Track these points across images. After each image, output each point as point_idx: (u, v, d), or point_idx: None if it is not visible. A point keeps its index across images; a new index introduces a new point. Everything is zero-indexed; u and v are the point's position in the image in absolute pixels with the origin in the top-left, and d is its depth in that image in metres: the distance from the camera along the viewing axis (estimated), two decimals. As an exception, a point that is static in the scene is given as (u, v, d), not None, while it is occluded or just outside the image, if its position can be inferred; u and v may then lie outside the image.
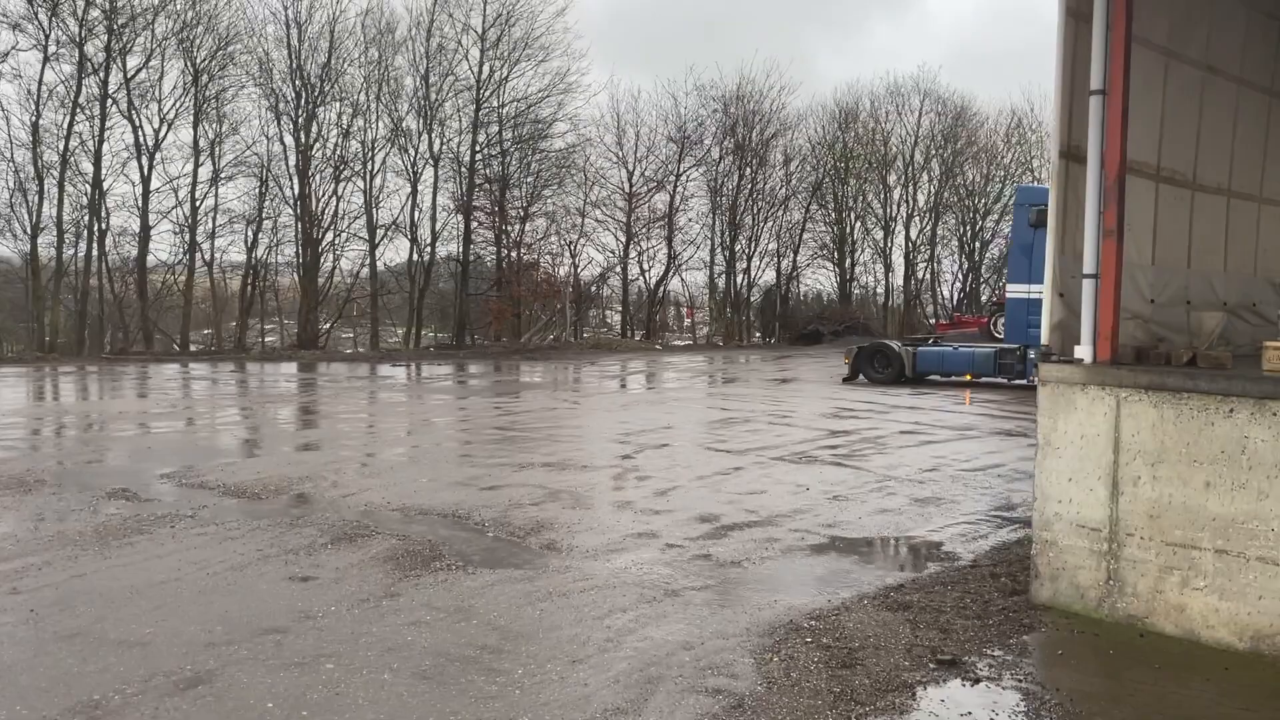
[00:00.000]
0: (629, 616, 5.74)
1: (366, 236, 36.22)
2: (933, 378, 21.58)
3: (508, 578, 6.52)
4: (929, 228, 47.79)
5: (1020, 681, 4.81)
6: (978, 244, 49.61)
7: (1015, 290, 20.12)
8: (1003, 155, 49.42)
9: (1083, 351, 5.92)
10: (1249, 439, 5.14)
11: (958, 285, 50.26)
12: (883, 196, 46.85)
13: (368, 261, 36.38)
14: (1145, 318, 6.86)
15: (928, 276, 48.95)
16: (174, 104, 33.07)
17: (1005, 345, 20.24)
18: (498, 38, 35.42)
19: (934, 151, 46.78)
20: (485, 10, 35.33)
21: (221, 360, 29.78)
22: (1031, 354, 19.41)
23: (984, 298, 48.49)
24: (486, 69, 35.70)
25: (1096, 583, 5.72)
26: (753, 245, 42.62)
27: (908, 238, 47.02)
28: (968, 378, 20.96)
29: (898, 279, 47.68)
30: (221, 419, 15.61)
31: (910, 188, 46.85)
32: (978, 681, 4.81)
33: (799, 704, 4.49)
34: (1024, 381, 19.91)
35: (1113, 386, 5.64)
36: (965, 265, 49.85)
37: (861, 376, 21.80)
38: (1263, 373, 5.51)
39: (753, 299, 43.66)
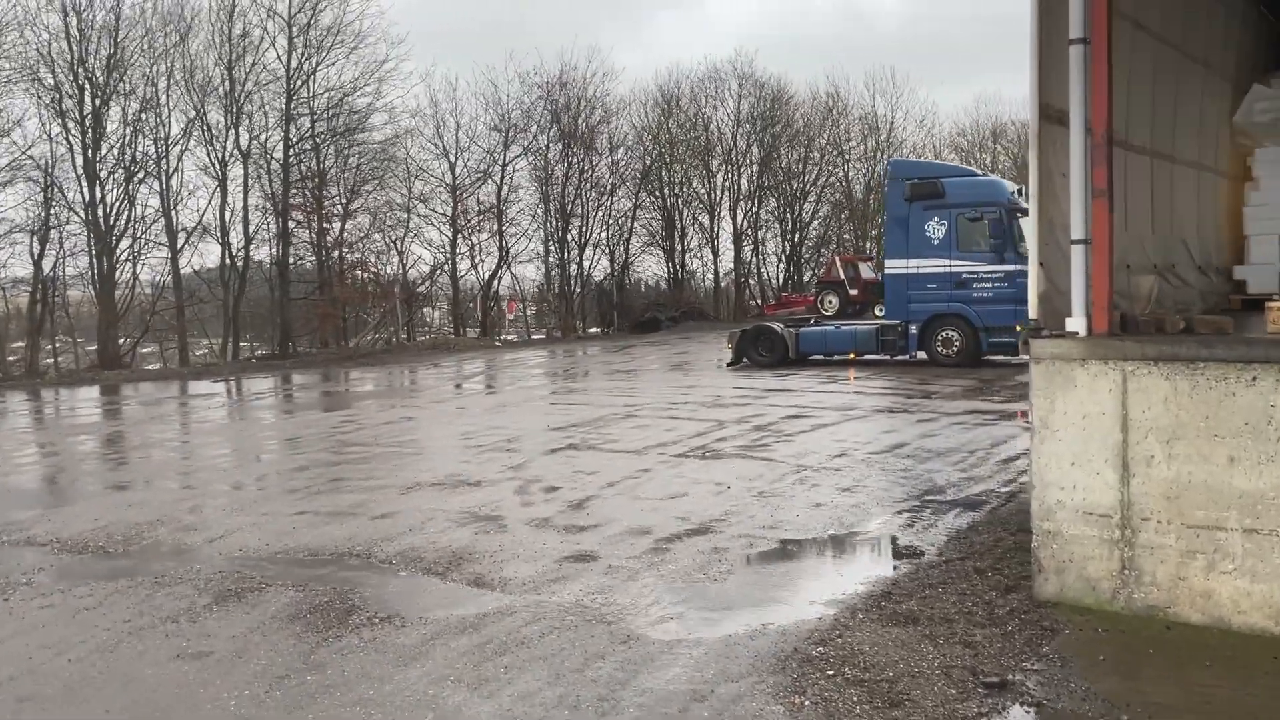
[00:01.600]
0: (612, 664, 4.90)
1: (167, 242, 33.28)
2: (815, 357, 21.43)
3: (447, 627, 5.54)
4: (753, 212, 48.39)
5: (1083, 701, 4.28)
6: (798, 226, 50.61)
7: (893, 266, 19.99)
8: (816, 138, 50.69)
9: (1076, 324, 5.48)
10: (1276, 408, 4.79)
11: (782, 266, 51.17)
12: (707, 182, 47.10)
13: (171, 270, 33.42)
14: (1100, 285, 6.53)
15: (754, 260, 49.61)
16: (-69, 102, 29.27)
17: (887, 322, 20.19)
18: (307, 24, 33.20)
19: (754, 136, 47.34)
20: (291, -6, 33.01)
21: (10, 388, 26.58)
22: (913, 329, 19.56)
23: (807, 277, 49.68)
24: (296, 57, 33.41)
25: (1109, 573, 5.29)
26: (584, 235, 41.94)
27: (734, 222, 47.45)
28: (851, 356, 20.91)
29: (726, 263, 48.10)
30: (27, 458, 13.59)
31: (733, 173, 47.27)
32: (1039, 705, 4.25)
33: (867, 761, 3.80)
34: (905, 357, 20.07)
35: (1117, 360, 5.21)
36: (787, 248, 50.81)
37: (745, 360, 21.41)
38: (1266, 335, 5.21)
39: (588, 289, 42.98)
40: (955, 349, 19.35)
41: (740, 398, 15.70)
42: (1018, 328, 19.00)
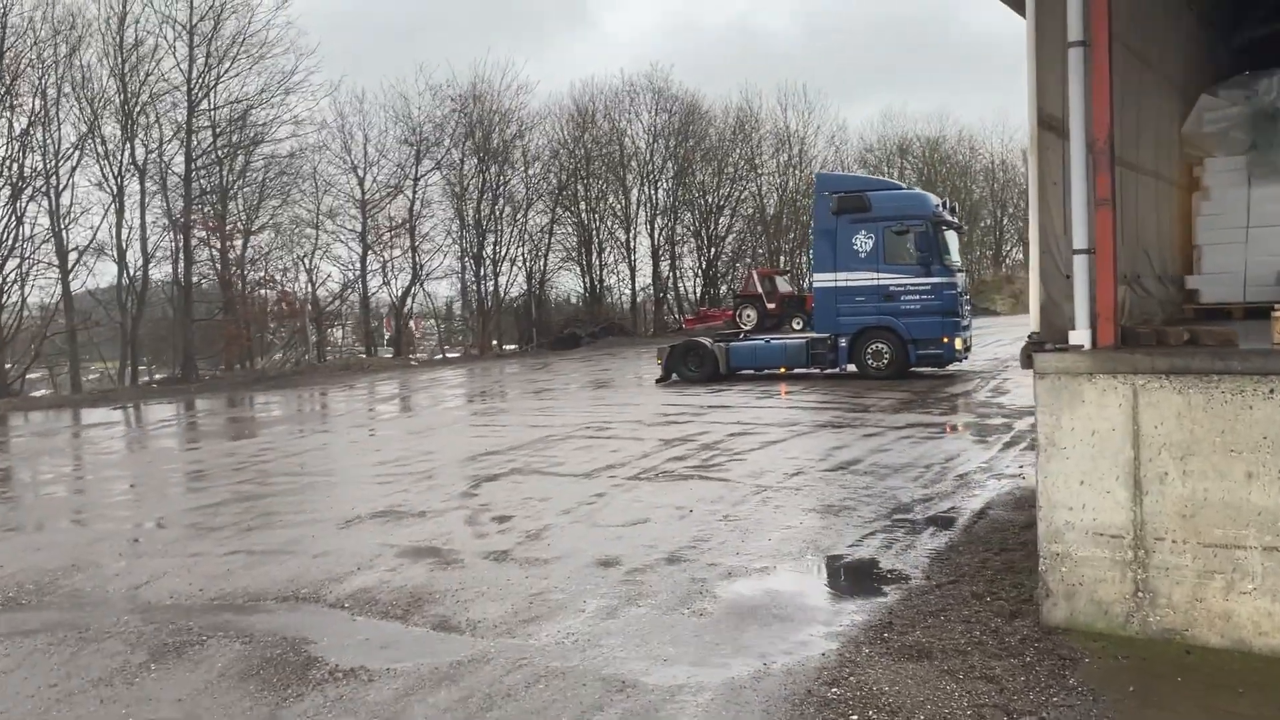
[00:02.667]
0: (614, 717, 4.48)
1: (58, 262, 31.51)
2: (745, 372, 21.33)
3: (420, 680, 5.04)
4: (669, 227, 48.37)
5: (1128, 736, 4.03)
6: (713, 240, 50.75)
7: (822, 279, 19.97)
8: (730, 153, 50.99)
9: (1080, 336, 5.28)
10: (1295, 421, 4.64)
11: (699, 281, 51.25)
12: (623, 197, 46.94)
13: (62, 291, 31.61)
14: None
15: (671, 274, 49.57)
16: None
17: (816, 335, 20.13)
18: (209, 33, 31.93)
19: (669, 150, 47.35)
20: (192, 1, 31.70)
21: (-113, 418, 24.74)
22: (842, 342, 19.55)
23: (723, 291, 49.85)
24: (197, 67, 32.09)
25: (1122, 596, 5.08)
26: (500, 250, 41.28)
27: (651, 237, 47.35)
28: (782, 370, 20.79)
29: (644, 278, 47.93)
30: (-85, 495, 12.49)
31: (650, 188, 47.18)
32: (1084, 745, 3.98)
33: (924, 822, 3.46)
34: (835, 370, 20.04)
35: (1126, 374, 5.02)
36: (703, 262, 50.91)
37: (675, 376, 21.15)
38: (1275, 345, 5.08)
39: (504, 305, 42.28)
40: (885, 361, 19.41)
41: (680, 414, 15.39)
42: (944, 339, 19.28)
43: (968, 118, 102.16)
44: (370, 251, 38.03)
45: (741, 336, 23.05)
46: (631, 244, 47.10)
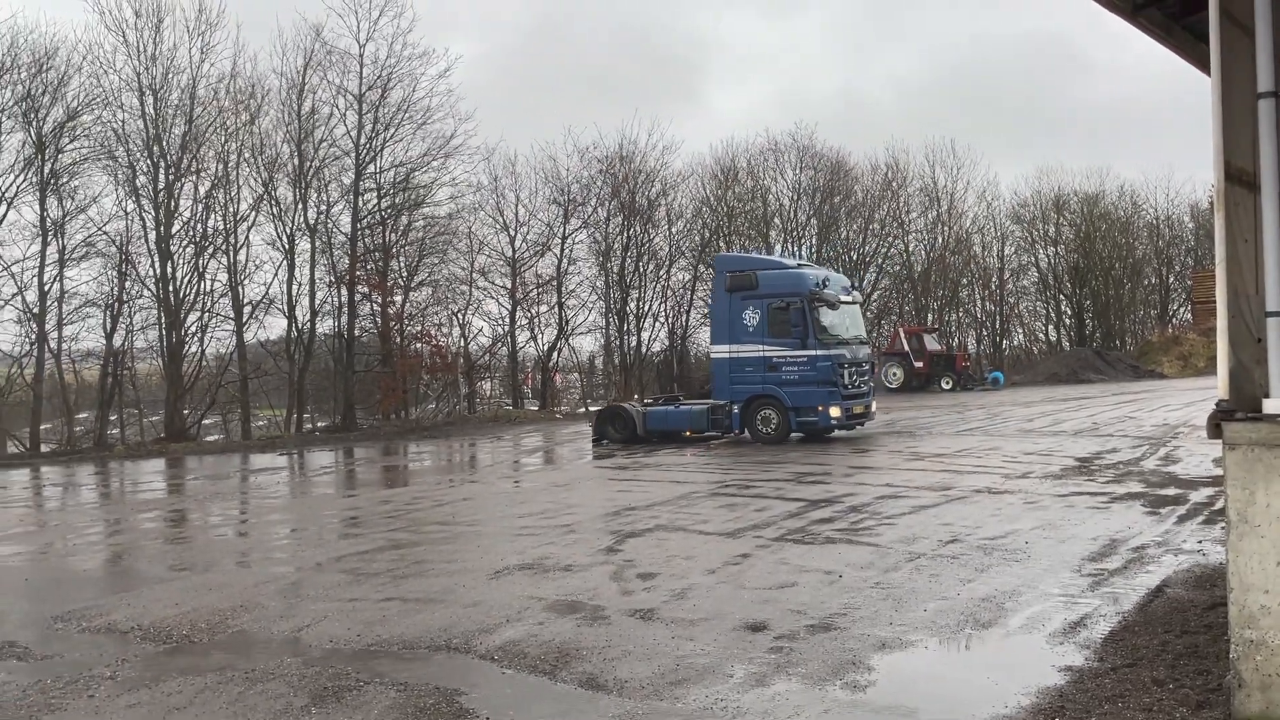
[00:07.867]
0: (767, 791, 4.33)
1: (233, 315, 33.59)
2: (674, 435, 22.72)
3: (569, 740, 5.01)
4: (813, 282, 47.97)
5: None
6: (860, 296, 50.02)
7: (718, 351, 21.74)
8: (876, 209, 50.42)
9: (1276, 405, 4.88)
10: None
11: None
12: (766, 254, 46.89)
13: (236, 342, 33.65)
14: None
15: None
16: (15, 180, 30.10)
17: (716, 402, 21.62)
18: (377, 101, 33.76)
19: (813, 208, 47.18)
20: (362, 72, 33.67)
21: (79, 460, 26.72)
22: (735, 409, 21.08)
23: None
24: (365, 133, 33.93)
25: (1328, 691, 4.63)
26: (643, 306, 41.76)
27: (794, 293, 46.98)
28: (688, 434, 22.21)
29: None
30: (95, 535, 13.35)
31: (793, 245, 47.02)
32: None
33: None
34: (733, 435, 21.53)
35: (1331, 447, 4.61)
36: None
37: (605, 439, 22.75)
38: None
39: (646, 360, 42.64)
40: (773, 427, 20.84)
41: (825, 474, 15.08)
42: (820, 408, 20.48)
43: (1129, 173, 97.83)
44: (519, 307, 39.09)
45: (660, 401, 24.55)
46: (774, 301, 46.84)
